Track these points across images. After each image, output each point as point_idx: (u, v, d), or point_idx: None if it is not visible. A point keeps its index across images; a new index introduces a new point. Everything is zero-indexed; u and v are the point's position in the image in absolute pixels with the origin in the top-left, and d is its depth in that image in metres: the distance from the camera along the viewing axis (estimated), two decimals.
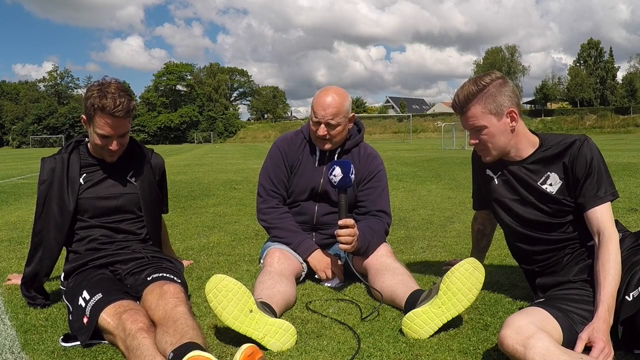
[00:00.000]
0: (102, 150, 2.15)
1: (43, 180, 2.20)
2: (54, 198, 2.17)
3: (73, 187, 2.18)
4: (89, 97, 2.06)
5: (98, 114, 2.05)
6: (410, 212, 4.81)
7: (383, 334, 1.88)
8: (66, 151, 2.25)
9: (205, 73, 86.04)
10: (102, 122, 2.06)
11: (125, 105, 2.05)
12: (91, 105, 2.05)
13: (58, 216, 2.16)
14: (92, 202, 2.19)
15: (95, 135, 2.10)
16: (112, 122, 2.06)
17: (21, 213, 5.27)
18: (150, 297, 1.81)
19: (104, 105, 2.02)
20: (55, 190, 2.18)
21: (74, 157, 2.22)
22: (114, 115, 2.04)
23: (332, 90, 2.48)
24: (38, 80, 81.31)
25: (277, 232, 2.55)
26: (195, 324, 1.65)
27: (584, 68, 67.79)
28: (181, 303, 1.74)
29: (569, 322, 1.61)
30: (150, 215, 2.31)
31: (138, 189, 2.26)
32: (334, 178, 2.22)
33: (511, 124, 1.89)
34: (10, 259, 3.24)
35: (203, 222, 4.53)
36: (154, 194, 2.36)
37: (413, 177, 8.57)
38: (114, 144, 2.12)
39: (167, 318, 1.66)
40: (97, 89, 2.06)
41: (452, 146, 23.70)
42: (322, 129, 2.44)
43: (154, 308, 1.75)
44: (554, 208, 1.92)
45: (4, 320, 2.10)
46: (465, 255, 2.69)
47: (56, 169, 2.19)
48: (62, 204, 2.17)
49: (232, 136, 76.57)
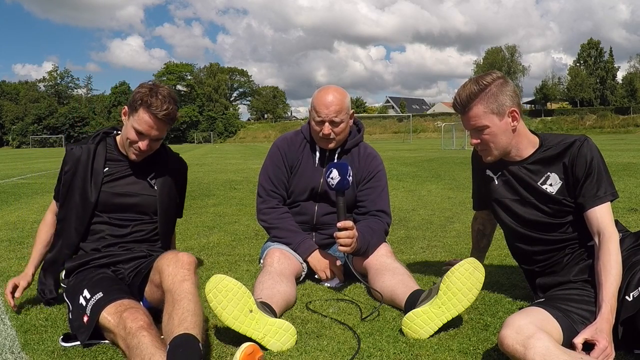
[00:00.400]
0: (131, 146, 2.13)
1: (67, 169, 2.17)
2: (76, 188, 2.15)
3: (96, 180, 2.15)
4: (139, 91, 2.07)
5: (143, 109, 2.05)
6: (410, 212, 4.81)
7: (383, 334, 1.88)
8: (93, 142, 2.22)
9: (205, 73, 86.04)
10: (143, 118, 2.06)
11: (171, 111, 2.07)
12: (139, 98, 2.05)
13: (80, 207, 2.15)
14: (108, 197, 2.16)
15: (131, 128, 2.09)
16: (152, 122, 2.07)
17: (21, 213, 5.27)
18: (162, 262, 1.81)
19: (151, 103, 2.04)
20: (79, 181, 2.15)
21: (100, 149, 2.20)
22: (156, 116, 2.05)
23: (331, 88, 2.49)
24: (38, 80, 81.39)
25: (277, 232, 2.55)
26: (197, 307, 1.64)
27: (584, 68, 67.79)
28: (189, 277, 1.73)
29: (569, 322, 1.61)
30: (165, 219, 2.28)
31: (157, 192, 2.24)
32: (332, 181, 2.22)
33: (513, 124, 1.89)
34: (10, 259, 3.24)
35: (203, 222, 4.53)
36: (173, 198, 2.34)
37: (413, 177, 8.57)
38: (145, 144, 2.10)
39: (172, 293, 1.67)
40: (150, 87, 2.08)
41: (452, 146, 23.70)
42: (326, 128, 2.43)
43: (163, 273, 1.76)
44: (554, 208, 1.92)
45: (4, 320, 2.10)
46: (465, 255, 2.68)
47: (82, 158, 2.17)
48: (84, 194, 2.14)
49: (232, 136, 76.60)
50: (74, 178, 2.16)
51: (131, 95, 2.13)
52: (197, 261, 1.88)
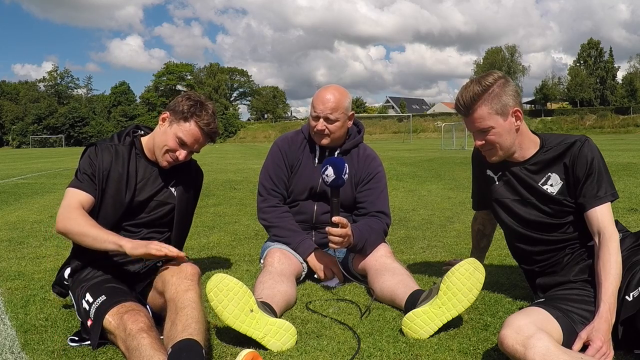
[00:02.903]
0: (167, 153, 2.08)
1: (103, 168, 2.04)
2: (110, 191, 2.05)
3: (130, 184, 2.09)
4: (188, 102, 2.07)
5: (192, 120, 2.05)
6: (410, 212, 4.81)
7: (383, 334, 1.88)
8: (123, 143, 2.14)
9: (205, 73, 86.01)
10: (191, 130, 2.05)
11: (216, 129, 2.12)
12: (189, 109, 2.04)
13: (110, 210, 2.05)
14: (138, 202, 2.10)
15: (173, 136, 2.06)
16: (199, 135, 2.07)
17: (21, 213, 5.27)
18: (166, 273, 1.81)
19: (202, 116, 2.05)
20: (114, 184, 2.05)
21: (133, 153, 2.14)
22: (203, 130, 2.07)
23: (332, 87, 2.52)
24: (38, 80, 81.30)
25: (277, 231, 2.56)
26: (200, 315, 1.65)
27: (584, 68, 67.76)
28: (193, 287, 1.74)
29: (569, 322, 1.61)
30: (180, 227, 2.25)
31: (176, 200, 2.19)
32: (327, 178, 2.22)
33: (516, 124, 1.89)
34: (10, 259, 3.24)
35: (203, 222, 4.53)
36: (190, 206, 2.33)
37: (413, 177, 8.57)
38: (184, 155, 2.09)
39: (175, 302, 1.68)
40: (198, 100, 2.09)
41: (452, 146, 23.71)
42: (320, 124, 2.46)
43: (167, 283, 1.76)
44: (555, 209, 1.92)
45: (4, 320, 2.10)
46: (465, 255, 2.69)
47: (115, 161, 2.08)
48: (118, 198, 2.05)
49: (232, 136, 76.54)
50: (108, 178, 2.06)
51: (175, 102, 2.10)
52: (200, 272, 1.87)
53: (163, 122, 2.11)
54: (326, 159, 2.30)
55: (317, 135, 2.52)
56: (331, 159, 2.25)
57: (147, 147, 2.17)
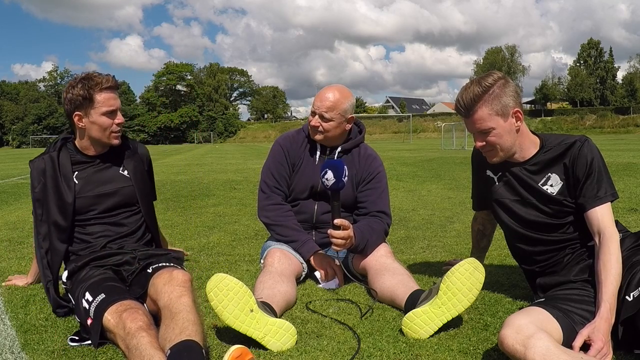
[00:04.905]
0: (107, 131, 2.17)
1: (35, 185, 2.17)
2: (51, 199, 2.15)
3: (69, 184, 2.16)
4: (75, 90, 2.11)
5: (96, 93, 2.11)
6: (410, 212, 4.81)
7: (383, 334, 1.88)
8: (54, 149, 2.23)
9: (205, 73, 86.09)
10: (104, 97, 2.13)
11: (111, 77, 2.17)
12: (85, 92, 2.10)
13: (59, 216, 2.14)
14: (90, 201, 2.19)
15: (99, 117, 2.13)
16: (110, 96, 2.15)
17: (21, 213, 5.27)
18: (158, 282, 1.83)
19: (97, 82, 2.11)
20: (51, 191, 2.15)
21: (64, 155, 2.21)
22: (110, 87, 2.15)
23: (336, 87, 2.54)
24: (38, 80, 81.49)
25: (281, 230, 2.55)
26: (196, 318, 1.65)
27: (584, 68, 67.77)
28: (186, 293, 1.75)
29: (569, 322, 1.61)
30: (146, 204, 2.36)
31: (132, 181, 2.29)
32: (327, 182, 2.22)
33: (517, 124, 1.89)
34: (10, 259, 3.24)
35: (203, 222, 4.53)
36: (147, 183, 2.42)
37: (413, 177, 8.57)
38: (120, 117, 2.18)
39: (170, 308, 1.68)
40: (78, 80, 2.14)
41: (452, 146, 23.70)
42: (315, 120, 2.51)
43: (160, 292, 1.77)
44: (555, 209, 1.92)
45: (4, 320, 2.10)
46: (465, 255, 2.69)
47: (47, 169, 2.17)
48: (60, 202, 2.14)
49: (232, 136, 76.59)
50: (45, 190, 2.16)
51: (69, 101, 2.15)
52: (192, 279, 1.89)
53: (81, 120, 2.16)
54: (325, 161, 2.31)
55: (312, 130, 2.57)
56: (330, 162, 2.25)
57: (82, 147, 2.25)
